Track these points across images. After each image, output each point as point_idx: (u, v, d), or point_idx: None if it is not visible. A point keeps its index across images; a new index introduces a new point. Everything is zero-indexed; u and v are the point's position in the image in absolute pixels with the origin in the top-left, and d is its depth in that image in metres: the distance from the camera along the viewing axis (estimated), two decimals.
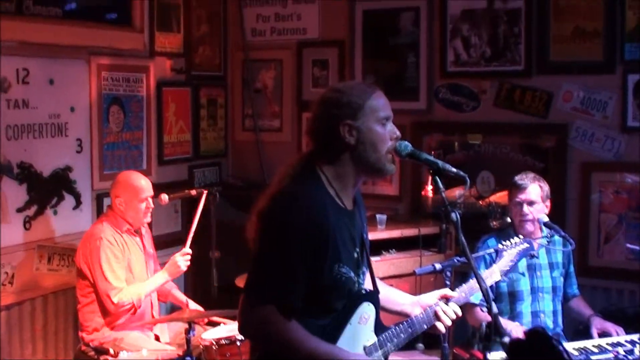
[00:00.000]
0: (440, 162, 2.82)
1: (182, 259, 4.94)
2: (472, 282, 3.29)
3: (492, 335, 2.65)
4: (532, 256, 4.05)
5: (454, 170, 2.82)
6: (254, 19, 6.87)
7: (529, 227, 4.58)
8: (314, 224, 2.71)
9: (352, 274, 2.85)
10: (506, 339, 2.65)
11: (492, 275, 3.61)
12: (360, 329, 2.93)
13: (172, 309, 5.75)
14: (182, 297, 5.22)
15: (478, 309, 4.52)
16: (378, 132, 2.81)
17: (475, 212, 6.04)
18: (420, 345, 5.06)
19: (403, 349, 4.65)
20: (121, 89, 5.84)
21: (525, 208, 4.57)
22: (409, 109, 6.23)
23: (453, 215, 2.76)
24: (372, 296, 2.99)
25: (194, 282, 6.40)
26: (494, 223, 5.51)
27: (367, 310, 2.94)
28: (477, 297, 4.52)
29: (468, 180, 2.80)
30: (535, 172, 5.52)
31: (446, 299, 3.22)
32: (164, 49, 6.23)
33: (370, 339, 2.97)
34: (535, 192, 4.59)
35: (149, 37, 6.06)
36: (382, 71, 6.40)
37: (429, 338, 4.26)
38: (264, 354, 2.88)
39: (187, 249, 5.00)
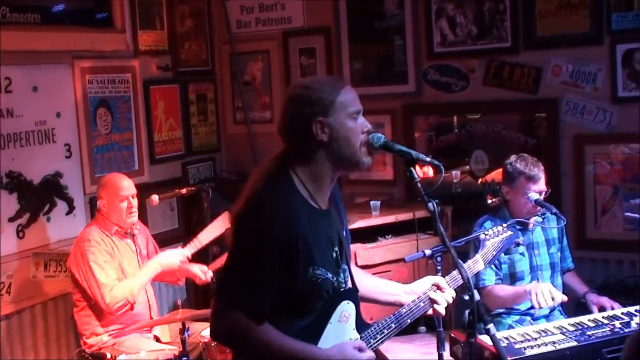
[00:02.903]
0: (414, 152, 2.80)
1: (179, 255, 4.91)
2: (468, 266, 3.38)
3: (476, 322, 2.63)
4: (517, 244, 4.03)
5: (428, 159, 2.81)
6: (238, 10, 6.84)
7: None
8: (284, 232, 2.68)
9: (329, 275, 2.82)
10: (490, 326, 2.64)
11: (475, 264, 3.61)
12: (341, 327, 2.90)
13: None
14: (187, 265, 5.16)
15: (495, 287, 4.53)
16: (350, 127, 2.78)
17: (472, 192, 6.04)
18: (422, 328, 5.09)
19: (405, 332, 4.68)
20: (107, 90, 5.81)
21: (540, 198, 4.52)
22: (398, 93, 6.23)
23: (430, 205, 2.74)
24: (351, 294, 2.97)
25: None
26: (493, 200, 5.48)
27: (347, 309, 2.91)
28: (490, 279, 4.52)
29: (443, 169, 2.78)
30: (528, 148, 5.53)
31: (437, 288, 3.20)
32: (148, 47, 6.20)
33: (353, 336, 2.95)
34: (544, 179, 4.55)
35: (132, 36, 6.03)
36: (369, 56, 6.38)
37: (431, 321, 4.27)
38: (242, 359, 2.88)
39: (188, 253, 4.96)
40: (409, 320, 3.08)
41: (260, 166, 2.88)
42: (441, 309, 3.15)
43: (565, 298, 4.17)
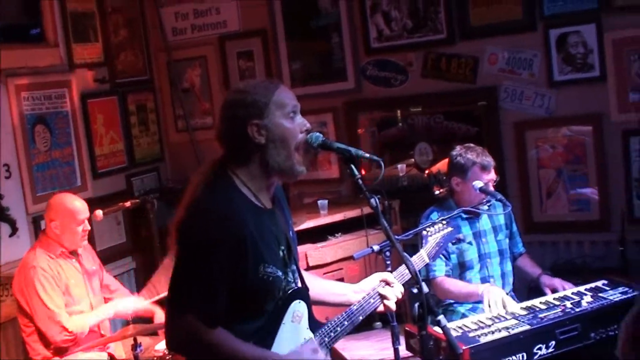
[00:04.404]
0: (353, 150, 2.80)
1: (132, 307, 4.86)
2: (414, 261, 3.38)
3: (425, 315, 2.63)
4: (459, 240, 4.06)
5: (367, 155, 2.81)
6: (172, 18, 6.80)
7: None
8: (229, 232, 2.67)
9: (280, 273, 2.82)
10: (440, 317, 2.64)
11: (420, 259, 3.63)
12: (295, 327, 2.90)
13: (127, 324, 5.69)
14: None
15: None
16: (287, 127, 2.77)
17: (419, 184, 6.07)
18: (378, 324, 5.08)
19: (360, 329, 4.67)
20: (44, 107, 5.72)
21: (491, 187, 4.54)
22: (338, 90, 6.25)
23: (372, 201, 2.74)
24: (302, 293, 2.96)
25: None
26: (441, 191, 5.49)
27: (298, 308, 2.91)
28: (440, 269, 4.54)
29: (382, 164, 2.78)
30: (470, 137, 5.57)
31: (386, 283, 3.20)
32: (83, 60, 6.13)
33: (307, 336, 2.95)
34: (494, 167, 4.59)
35: (66, 50, 5.95)
36: (307, 55, 6.38)
37: (386, 316, 4.26)
38: None
39: (147, 304, 4.90)
40: (360, 317, 3.08)
41: (198, 172, 2.86)
42: (391, 304, 3.15)
43: (516, 304, 4.20)
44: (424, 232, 3.81)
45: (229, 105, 2.82)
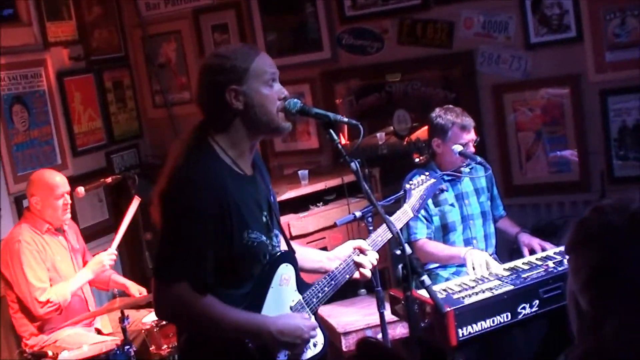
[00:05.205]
0: (331, 115, 2.81)
1: (108, 257, 4.88)
2: (384, 227, 3.31)
3: (410, 275, 2.65)
4: (442, 190, 4.07)
5: (346, 120, 2.83)
6: None
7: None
8: (212, 199, 2.68)
9: (264, 238, 2.84)
10: (424, 277, 2.66)
11: (404, 214, 3.63)
12: (283, 290, 2.93)
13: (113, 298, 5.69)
14: (122, 280, 5.15)
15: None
16: (265, 94, 2.78)
17: (399, 152, 6.07)
18: (363, 291, 5.10)
19: (345, 296, 4.69)
20: (20, 86, 5.68)
21: (471, 147, 4.56)
22: (315, 60, 6.22)
23: (352, 165, 2.75)
24: (289, 256, 2.99)
25: (130, 267, 6.34)
26: (420, 158, 5.50)
27: (286, 271, 2.94)
28: (421, 232, 4.56)
29: (362, 128, 2.79)
30: (448, 102, 5.55)
31: (360, 251, 3.22)
32: (58, 38, 6.07)
33: (295, 298, 2.98)
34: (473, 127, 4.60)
35: (40, 28, 5.89)
36: (282, 26, 6.34)
37: (370, 283, 4.29)
38: (189, 334, 2.86)
39: (114, 250, 4.93)
40: (347, 276, 3.13)
41: (179, 140, 2.86)
42: (367, 272, 3.19)
43: (500, 266, 4.23)
44: (407, 186, 3.81)
45: (208, 69, 2.82)
